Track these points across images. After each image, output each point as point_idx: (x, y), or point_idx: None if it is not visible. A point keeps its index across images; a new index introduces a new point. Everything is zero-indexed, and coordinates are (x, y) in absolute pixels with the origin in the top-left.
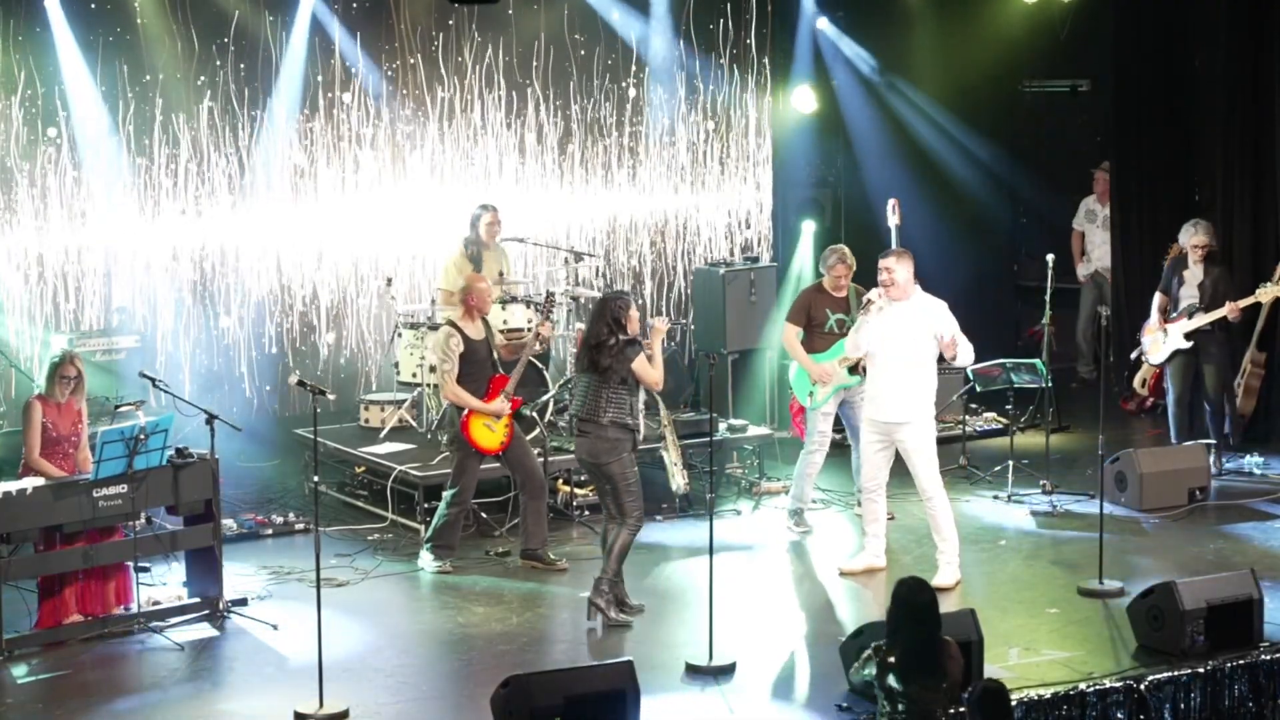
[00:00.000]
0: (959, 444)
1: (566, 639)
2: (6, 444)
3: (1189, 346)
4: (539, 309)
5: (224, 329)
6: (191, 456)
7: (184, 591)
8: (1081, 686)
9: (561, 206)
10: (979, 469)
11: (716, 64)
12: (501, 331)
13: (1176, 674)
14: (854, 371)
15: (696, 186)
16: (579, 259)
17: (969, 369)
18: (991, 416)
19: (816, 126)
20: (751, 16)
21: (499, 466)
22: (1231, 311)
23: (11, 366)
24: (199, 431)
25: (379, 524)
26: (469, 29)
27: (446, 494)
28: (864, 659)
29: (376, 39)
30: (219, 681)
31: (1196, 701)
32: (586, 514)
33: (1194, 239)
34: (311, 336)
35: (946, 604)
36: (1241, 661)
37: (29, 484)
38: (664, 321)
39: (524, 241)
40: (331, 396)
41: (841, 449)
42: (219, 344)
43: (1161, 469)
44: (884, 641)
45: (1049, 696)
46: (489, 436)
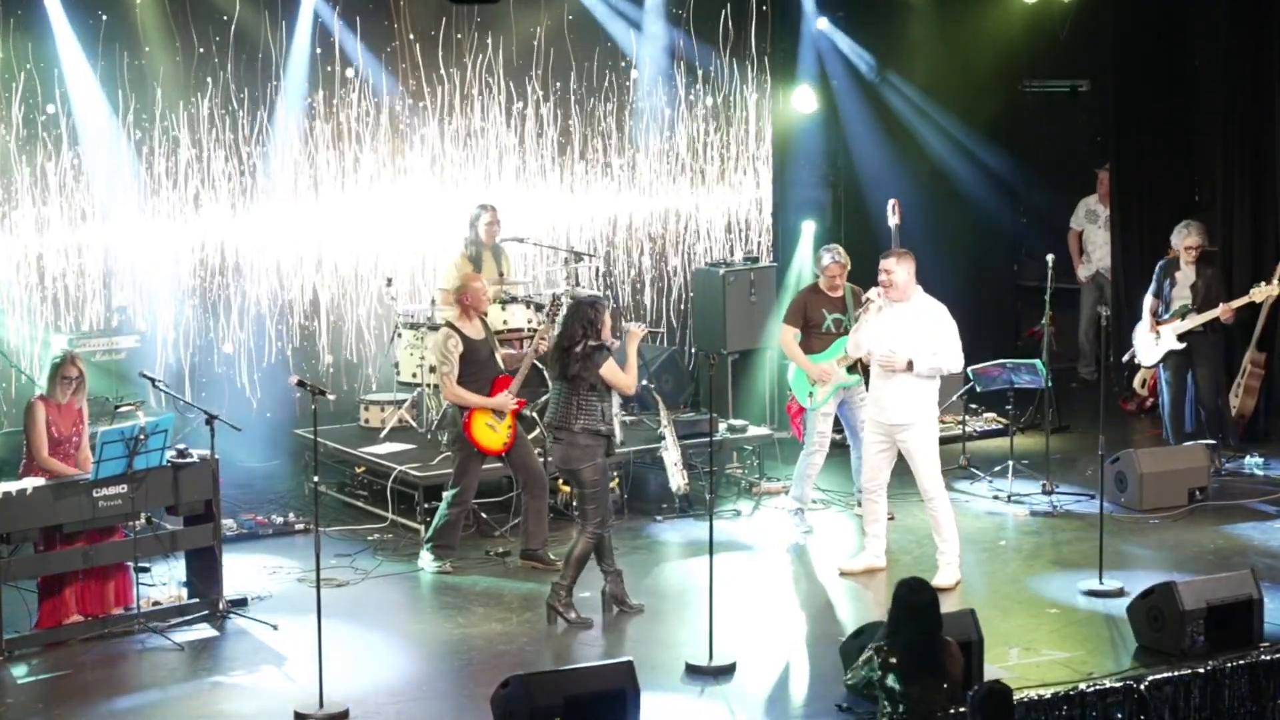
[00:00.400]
0: (959, 444)
1: (566, 639)
2: (6, 444)
3: (1182, 347)
4: (545, 312)
5: (224, 329)
6: (191, 456)
7: (184, 592)
8: (1081, 687)
9: (561, 206)
10: (979, 469)
11: (717, 64)
12: (501, 332)
13: (1176, 674)
14: (853, 371)
15: (696, 186)
16: (578, 259)
17: (969, 369)
18: (991, 416)
19: (816, 126)
20: (752, 16)
21: (499, 467)
22: (1224, 312)
23: (12, 367)
24: (199, 432)
25: (379, 524)
26: (469, 29)
27: (447, 494)
28: (864, 660)
29: (377, 39)
30: (219, 681)
31: (1196, 701)
32: None
33: (1187, 240)
34: (311, 336)
35: (947, 604)
36: (1241, 662)
37: (29, 484)
38: (640, 327)
39: (523, 241)
40: (331, 397)
41: (841, 449)
42: (219, 344)
43: (1161, 469)
44: (885, 642)
45: (1049, 697)
46: (493, 437)
